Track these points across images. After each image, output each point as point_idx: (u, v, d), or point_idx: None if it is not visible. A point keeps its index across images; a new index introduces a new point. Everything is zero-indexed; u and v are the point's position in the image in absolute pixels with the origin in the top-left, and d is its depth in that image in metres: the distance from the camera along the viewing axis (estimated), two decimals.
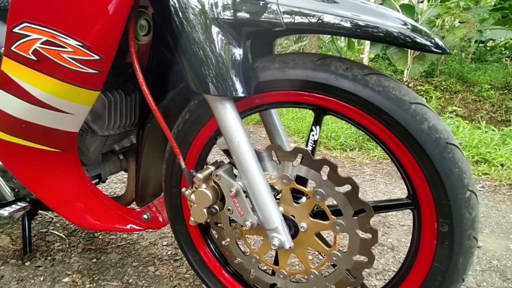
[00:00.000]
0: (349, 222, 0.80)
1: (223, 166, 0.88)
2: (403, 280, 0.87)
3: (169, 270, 1.45)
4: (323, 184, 0.80)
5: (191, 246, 1.12)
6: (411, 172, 0.76)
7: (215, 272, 1.11)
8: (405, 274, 0.87)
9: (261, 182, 0.81)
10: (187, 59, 0.77)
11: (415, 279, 0.84)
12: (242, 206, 0.83)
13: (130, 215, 1.14)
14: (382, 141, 0.77)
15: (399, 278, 0.88)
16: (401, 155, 0.75)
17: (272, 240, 0.82)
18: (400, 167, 0.78)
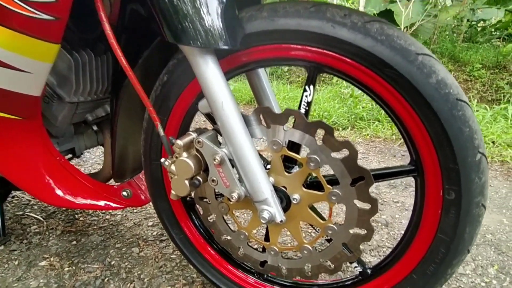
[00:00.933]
0: (347, 191, 0.73)
1: (206, 132, 0.78)
2: (403, 253, 0.80)
3: (154, 251, 1.37)
4: (318, 150, 0.72)
5: (174, 223, 1.04)
6: (415, 134, 0.68)
7: (201, 251, 1.04)
8: (405, 247, 0.80)
9: (248, 149, 0.72)
10: (162, 6, 0.66)
11: (416, 252, 0.77)
12: (227, 176, 0.74)
13: (107, 192, 1.05)
14: (384, 99, 0.69)
15: (399, 251, 0.82)
16: (404, 114, 0.67)
17: (262, 213, 0.74)
18: (403, 129, 0.70)
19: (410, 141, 0.71)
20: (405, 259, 0.80)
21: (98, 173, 1.11)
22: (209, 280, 1.03)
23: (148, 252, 1.37)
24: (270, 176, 0.79)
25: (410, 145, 0.72)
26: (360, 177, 0.71)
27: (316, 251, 0.83)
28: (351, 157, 0.70)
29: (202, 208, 0.93)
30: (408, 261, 0.80)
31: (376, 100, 0.71)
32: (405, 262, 0.80)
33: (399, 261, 0.81)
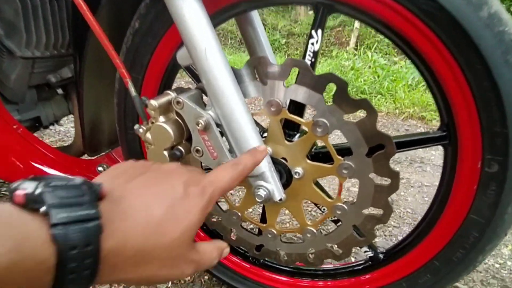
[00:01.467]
0: (361, 163, 0.59)
1: (188, 91, 0.63)
2: (423, 237, 0.68)
3: None
4: (327, 111, 0.57)
5: None
6: (451, 88, 0.54)
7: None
8: (426, 229, 0.68)
9: (240, 111, 0.58)
10: None
11: (440, 236, 0.65)
12: (214, 144, 0.60)
13: (79, 167, 0.91)
14: (412, 43, 0.54)
15: (419, 234, 0.70)
16: (438, 61, 0.52)
17: (257, 190, 0.61)
18: (434, 81, 0.56)
19: (443, 99, 0.57)
20: (426, 244, 0.68)
21: (70, 146, 0.97)
22: None
23: None
24: (267, 146, 0.65)
25: (442, 104, 0.58)
26: (378, 145, 0.57)
27: (321, 234, 0.70)
28: (369, 120, 0.55)
29: None
30: (429, 246, 0.67)
31: (399, 44, 0.56)
32: (425, 246, 0.68)
33: (418, 245, 0.69)
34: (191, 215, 0.36)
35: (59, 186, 0.29)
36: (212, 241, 0.44)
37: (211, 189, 0.40)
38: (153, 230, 0.33)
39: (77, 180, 0.31)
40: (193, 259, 0.38)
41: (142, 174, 0.39)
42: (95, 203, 0.30)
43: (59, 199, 0.28)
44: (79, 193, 0.29)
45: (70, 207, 0.28)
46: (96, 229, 0.29)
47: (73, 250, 0.27)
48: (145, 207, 0.34)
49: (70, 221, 0.27)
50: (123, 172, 0.39)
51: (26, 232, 0.26)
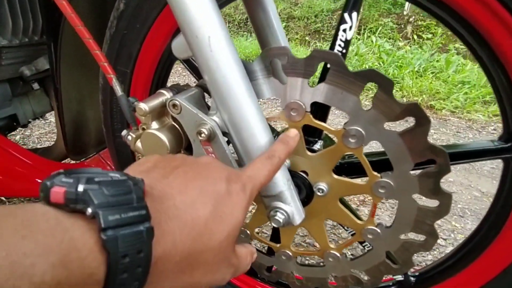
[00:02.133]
0: (404, 181, 0.47)
1: (187, 90, 0.51)
2: (467, 263, 0.58)
3: None
4: (363, 118, 0.45)
5: None
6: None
7: None
8: (473, 252, 0.57)
9: (252, 116, 0.45)
10: None
11: (492, 262, 0.54)
12: (220, 157, 0.48)
13: None
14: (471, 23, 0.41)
15: (465, 255, 0.59)
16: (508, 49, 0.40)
17: (274, 213, 0.49)
18: (499, 79, 0.44)
19: (509, 100, 0.45)
20: (474, 268, 0.57)
21: (50, 149, 0.84)
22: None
23: None
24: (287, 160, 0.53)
25: (508, 107, 0.46)
26: (429, 160, 0.45)
27: (346, 259, 0.60)
28: (418, 131, 0.43)
29: None
30: (478, 272, 0.57)
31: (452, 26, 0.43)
32: (473, 272, 0.58)
33: (463, 270, 0.59)
34: (236, 214, 0.33)
35: (105, 182, 0.25)
36: (244, 245, 0.40)
37: (251, 185, 0.36)
38: (201, 232, 0.30)
39: (119, 175, 0.27)
40: (233, 263, 0.35)
41: (177, 168, 0.34)
42: (144, 201, 0.26)
43: (107, 198, 0.24)
44: (126, 190, 0.25)
45: (120, 207, 0.24)
46: (148, 232, 0.25)
47: (124, 259, 0.23)
48: (190, 205, 0.30)
49: (121, 224, 0.24)
50: (154, 166, 0.34)
51: (71, 241, 0.22)
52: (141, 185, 0.28)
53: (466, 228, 1.28)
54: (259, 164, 0.40)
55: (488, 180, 1.67)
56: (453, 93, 2.95)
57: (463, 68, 3.58)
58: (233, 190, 0.34)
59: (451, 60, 3.65)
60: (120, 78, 0.61)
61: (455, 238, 1.21)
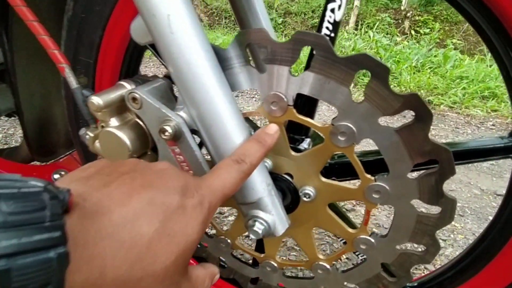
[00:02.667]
0: (401, 185, 0.41)
1: (151, 82, 0.44)
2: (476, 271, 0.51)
3: None
4: (354, 112, 0.39)
5: None
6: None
7: None
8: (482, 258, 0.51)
9: (224, 111, 0.39)
10: None
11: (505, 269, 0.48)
12: (189, 159, 0.42)
13: (30, 175, 0.71)
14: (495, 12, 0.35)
15: (468, 266, 0.53)
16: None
17: (253, 223, 0.43)
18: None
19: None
20: (484, 277, 0.51)
21: (16, 150, 0.77)
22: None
23: None
24: (265, 159, 0.47)
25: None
26: (428, 161, 0.39)
27: (337, 271, 0.53)
28: (418, 126, 0.37)
29: None
30: (489, 282, 0.51)
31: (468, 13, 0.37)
32: (482, 282, 0.51)
33: (471, 279, 0.53)
34: (189, 232, 0.28)
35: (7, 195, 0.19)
36: (203, 265, 0.35)
37: (211, 197, 0.31)
38: (141, 254, 0.25)
39: (35, 184, 0.21)
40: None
41: (124, 174, 0.29)
42: (61, 219, 0.21)
43: (5, 217, 0.19)
44: (37, 205, 0.20)
45: (22, 228, 0.19)
46: (60, 260, 0.20)
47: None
48: (131, 220, 0.25)
49: (21, 250, 0.19)
50: (97, 171, 0.29)
51: None
52: (65, 198, 0.22)
53: (466, 228, 1.22)
54: (223, 170, 0.34)
55: (488, 177, 1.61)
56: (451, 88, 2.89)
57: (461, 63, 3.53)
58: (188, 204, 0.28)
59: (449, 55, 3.60)
60: (83, 70, 0.54)
61: (454, 239, 1.15)
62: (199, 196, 0.30)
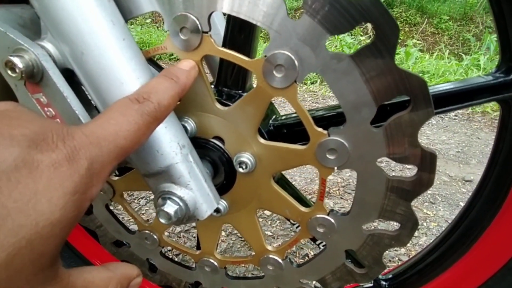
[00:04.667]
0: (363, 138, 0.30)
1: (11, 6, 0.30)
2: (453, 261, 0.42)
3: None
4: (293, 33, 0.27)
5: None
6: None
7: (91, 258, 0.59)
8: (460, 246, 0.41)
9: (111, 42, 0.26)
10: None
11: (487, 257, 0.39)
12: (60, 109, 0.28)
13: None
14: None
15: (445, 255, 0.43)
16: None
17: (162, 202, 0.30)
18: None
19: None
20: (461, 268, 0.41)
21: None
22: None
23: None
24: (184, 116, 0.34)
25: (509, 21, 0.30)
26: (399, 103, 0.28)
27: (292, 266, 0.41)
28: (380, 46, 0.26)
29: None
30: (470, 271, 0.41)
31: None
32: (462, 272, 0.42)
33: (449, 269, 0.43)
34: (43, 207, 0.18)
35: None
36: (109, 266, 0.26)
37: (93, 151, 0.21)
38: None
39: None
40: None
41: None
42: None
43: None
44: None
45: None
46: None
47: None
48: None
49: None
50: None
51: None
52: None
53: (438, 215, 1.16)
54: (115, 112, 0.23)
55: (455, 164, 1.59)
56: None
57: (421, 60, 3.62)
58: (41, 160, 0.19)
59: (410, 52, 3.68)
60: None
61: (428, 227, 1.08)
62: (66, 149, 0.20)
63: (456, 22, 5.76)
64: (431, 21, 5.84)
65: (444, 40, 5.52)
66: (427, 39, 5.62)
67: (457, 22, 5.77)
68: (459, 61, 3.80)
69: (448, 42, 5.53)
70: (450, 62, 3.61)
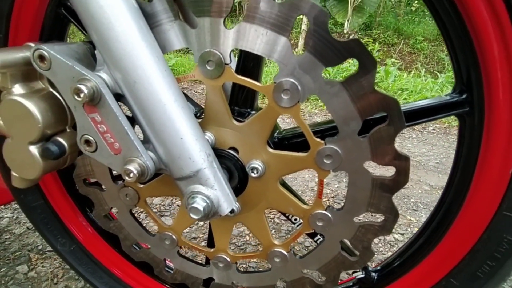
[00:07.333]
0: (352, 146, 0.38)
1: (69, 43, 0.38)
2: (432, 247, 0.49)
3: (52, 267, 0.94)
4: (297, 65, 0.35)
5: (58, 227, 0.63)
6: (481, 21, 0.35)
7: (109, 265, 0.64)
8: (435, 236, 0.49)
9: (154, 74, 0.34)
10: None
11: (455, 246, 0.47)
12: (113, 127, 0.35)
13: None
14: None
15: (424, 244, 0.51)
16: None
17: (192, 201, 0.37)
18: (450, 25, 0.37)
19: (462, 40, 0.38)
20: (437, 256, 0.49)
21: None
22: None
23: (42, 270, 0.93)
24: (206, 131, 0.42)
25: (459, 52, 0.39)
26: (379, 118, 0.37)
27: (295, 257, 0.48)
28: (363, 76, 0.35)
29: (92, 198, 0.52)
30: (442, 259, 0.49)
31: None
32: (436, 260, 0.49)
33: (426, 258, 0.50)
34: None
35: None
36: None
37: None
38: None
39: None
40: None
41: None
42: None
43: None
44: None
45: None
46: None
47: None
48: None
49: None
50: None
51: None
52: None
53: (421, 221, 1.25)
54: None
55: (434, 174, 1.70)
56: None
57: (400, 78, 3.83)
58: None
59: (389, 70, 3.88)
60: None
61: (412, 232, 1.17)
62: None
63: (430, 43, 6.13)
64: (408, 42, 6.20)
65: (420, 59, 5.86)
66: (404, 58, 5.94)
67: (431, 43, 6.14)
68: (434, 79, 4.04)
69: (424, 61, 5.86)
70: (426, 80, 3.84)
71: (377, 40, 6.10)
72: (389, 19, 6.75)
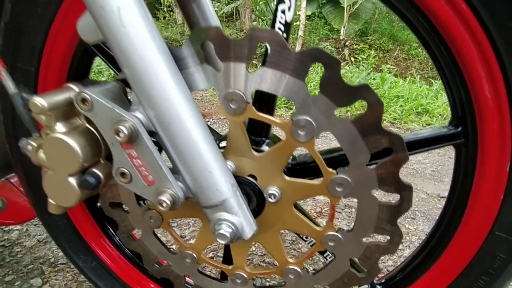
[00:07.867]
0: (361, 176, 0.42)
1: (101, 84, 0.42)
2: (431, 263, 0.54)
3: (66, 280, 0.97)
4: (312, 105, 0.40)
5: (80, 245, 0.66)
6: (473, 64, 0.40)
7: (129, 282, 0.68)
8: (435, 252, 0.53)
9: (183, 111, 0.38)
10: None
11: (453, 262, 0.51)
12: (148, 163, 0.39)
13: None
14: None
15: (425, 259, 0.55)
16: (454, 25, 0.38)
17: (219, 227, 0.41)
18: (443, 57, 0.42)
19: (456, 80, 0.43)
20: (435, 271, 0.54)
21: None
22: None
23: (56, 283, 0.96)
24: (227, 160, 0.46)
25: (454, 90, 0.44)
26: (384, 150, 0.41)
27: (308, 274, 0.52)
28: (371, 116, 0.39)
29: (118, 220, 0.56)
30: (440, 274, 0.53)
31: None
32: (434, 275, 0.54)
33: (425, 274, 0.55)
34: None
35: None
36: None
37: None
38: None
39: None
40: None
41: None
42: None
43: None
44: None
45: None
46: None
47: None
48: None
49: None
50: None
51: None
52: None
53: (419, 229, 1.29)
54: None
55: (431, 183, 1.75)
56: (390, 106, 3.15)
57: (396, 85, 3.89)
58: None
59: (385, 77, 3.95)
60: (23, 79, 0.50)
61: (410, 240, 1.21)
62: None
63: (424, 49, 6.23)
64: (402, 48, 6.31)
65: (415, 65, 5.96)
66: (399, 64, 6.04)
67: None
68: (429, 85, 4.11)
69: (419, 67, 5.97)
70: (421, 87, 3.91)
71: (373, 46, 6.20)
72: (384, 25, 6.86)
